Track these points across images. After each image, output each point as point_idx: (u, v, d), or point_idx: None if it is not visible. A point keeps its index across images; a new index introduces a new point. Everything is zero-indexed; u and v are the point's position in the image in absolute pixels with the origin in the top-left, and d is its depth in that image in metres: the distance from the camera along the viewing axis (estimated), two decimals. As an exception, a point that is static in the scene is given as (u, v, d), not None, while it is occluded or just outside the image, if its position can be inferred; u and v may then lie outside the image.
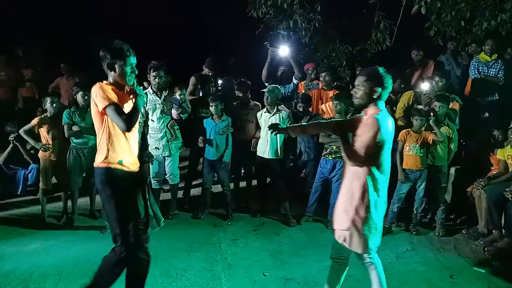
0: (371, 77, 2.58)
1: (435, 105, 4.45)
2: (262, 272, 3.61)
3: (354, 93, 2.66)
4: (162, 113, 4.61)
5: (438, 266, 3.83)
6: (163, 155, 4.70)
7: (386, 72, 2.60)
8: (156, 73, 4.53)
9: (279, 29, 6.38)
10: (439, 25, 5.59)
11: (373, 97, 2.58)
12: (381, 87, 2.57)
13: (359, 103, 2.65)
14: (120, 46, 2.62)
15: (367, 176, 2.57)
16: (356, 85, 2.65)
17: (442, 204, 4.58)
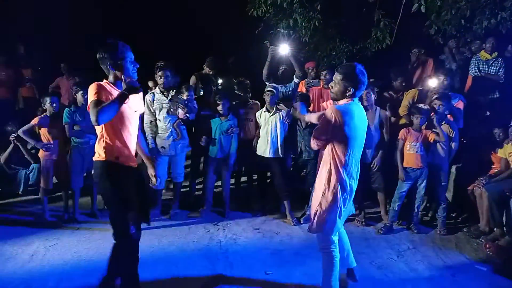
0: (347, 77, 2.78)
1: (435, 104, 4.45)
2: (263, 270, 3.61)
3: (331, 87, 2.89)
4: (168, 112, 4.62)
5: (439, 264, 3.84)
6: (169, 154, 4.70)
7: (362, 72, 2.79)
8: (162, 73, 4.57)
9: (279, 28, 6.38)
10: (439, 23, 5.60)
11: (346, 94, 2.81)
12: (355, 87, 2.78)
13: (334, 98, 2.92)
14: (117, 44, 2.66)
15: (332, 160, 2.80)
16: (333, 79, 2.87)
17: (443, 203, 4.57)
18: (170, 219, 4.78)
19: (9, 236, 4.15)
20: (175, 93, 4.68)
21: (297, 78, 5.44)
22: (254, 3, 6.27)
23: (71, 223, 4.57)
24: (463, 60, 6.32)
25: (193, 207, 5.11)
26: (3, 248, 3.88)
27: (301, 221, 4.74)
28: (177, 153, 4.74)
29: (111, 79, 2.72)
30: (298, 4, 6.14)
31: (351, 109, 2.77)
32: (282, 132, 4.75)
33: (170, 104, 4.63)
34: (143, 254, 3.82)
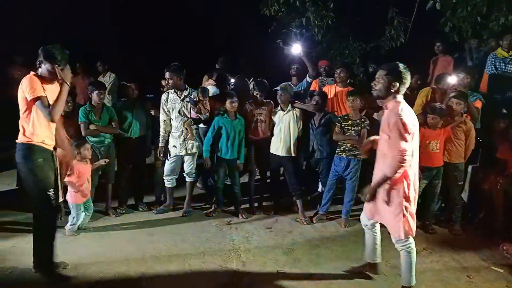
0: (391, 72, 2.87)
1: (452, 102, 4.38)
2: (276, 269, 3.61)
3: (374, 85, 2.95)
4: (180, 112, 4.66)
5: (454, 265, 3.78)
6: (180, 153, 4.74)
7: (406, 69, 2.87)
8: (169, 74, 4.61)
9: (292, 27, 6.37)
10: (455, 20, 5.52)
11: (391, 90, 2.87)
12: (399, 82, 2.86)
13: (378, 95, 2.97)
14: (52, 51, 3.13)
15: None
16: (376, 77, 2.95)
17: (458, 203, 4.51)
18: (184, 216, 4.81)
19: (26, 233, 4.22)
20: (188, 92, 4.71)
21: (310, 78, 5.42)
22: (267, 2, 6.28)
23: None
24: (479, 59, 6.23)
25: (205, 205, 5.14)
26: (20, 245, 3.95)
27: (314, 221, 4.72)
28: (188, 153, 4.76)
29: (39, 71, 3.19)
30: (311, 2, 6.12)
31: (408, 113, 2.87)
32: (295, 131, 4.74)
33: (182, 104, 4.67)
34: (157, 250, 3.90)
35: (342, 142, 4.57)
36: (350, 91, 4.71)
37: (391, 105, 2.91)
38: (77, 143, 4.25)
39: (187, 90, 4.72)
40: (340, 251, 4.01)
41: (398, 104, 2.87)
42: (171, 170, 4.83)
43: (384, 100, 2.97)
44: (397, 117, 2.79)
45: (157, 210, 4.91)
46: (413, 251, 3.09)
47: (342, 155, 4.56)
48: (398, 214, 2.96)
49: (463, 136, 4.43)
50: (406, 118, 2.81)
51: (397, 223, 2.98)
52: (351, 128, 4.55)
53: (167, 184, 4.91)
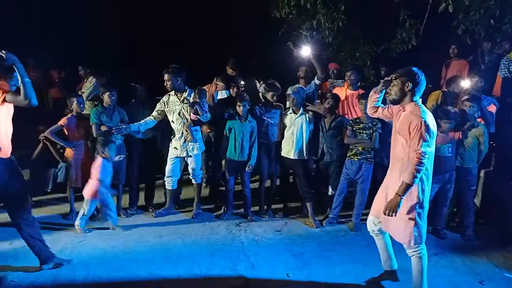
0: (403, 73, 2.87)
1: (465, 105, 4.33)
2: (285, 272, 3.60)
3: (389, 90, 2.93)
4: (179, 113, 4.68)
5: (466, 271, 3.73)
6: (181, 155, 4.76)
7: (419, 70, 2.86)
8: (167, 76, 4.63)
9: (302, 29, 6.36)
10: (467, 23, 5.46)
11: (405, 91, 2.86)
12: (413, 82, 2.84)
13: (393, 99, 2.93)
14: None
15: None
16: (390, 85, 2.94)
17: (471, 208, 4.45)
18: (193, 218, 4.83)
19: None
20: (187, 94, 4.71)
21: (318, 80, 5.40)
22: (277, 5, 6.27)
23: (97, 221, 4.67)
24: (492, 62, 6.14)
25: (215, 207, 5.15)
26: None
27: (324, 224, 4.70)
28: (189, 155, 4.76)
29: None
30: (321, 5, 6.11)
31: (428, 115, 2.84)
32: (307, 134, 4.72)
33: (181, 105, 4.68)
34: (167, 251, 3.92)
35: (353, 146, 4.55)
36: (361, 94, 4.68)
37: (409, 108, 2.87)
38: (103, 142, 4.33)
39: (186, 91, 4.73)
40: (350, 255, 3.98)
41: (418, 106, 2.84)
42: (171, 170, 4.85)
43: (400, 104, 2.94)
44: (420, 120, 2.75)
45: (156, 213, 4.91)
46: (424, 256, 3.05)
47: (354, 159, 4.53)
48: (409, 221, 2.90)
49: (476, 140, 4.38)
50: (429, 121, 2.78)
51: (407, 229, 2.92)
52: (362, 131, 4.52)
53: (167, 185, 4.93)
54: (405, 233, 2.94)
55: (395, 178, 2.96)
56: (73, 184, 4.71)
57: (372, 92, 3.24)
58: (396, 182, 2.90)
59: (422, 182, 2.87)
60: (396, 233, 3.02)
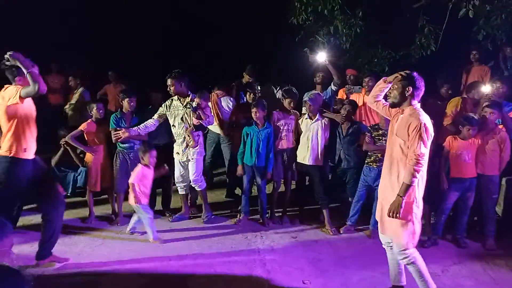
0: (404, 78, 2.95)
1: (486, 111, 4.25)
2: (301, 279, 3.58)
3: (389, 93, 3.03)
4: (182, 118, 4.72)
5: (487, 281, 3.63)
6: (182, 160, 4.80)
7: (419, 76, 2.95)
8: (170, 81, 4.69)
9: (319, 35, 6.36)
10: (488, 29, 5.37)
11: (405, 95, 2.93)
12: (413, 87, 2.91)
13: (393, 102, 3.01)
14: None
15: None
16: (390, 88, 3.05)
17: (492, 216, 4.34)
18: (204, 223, 4.85)
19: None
20: (190, 100, 4.74)
21: (335, 86, 5.37)
22: (295, 11, 6.29)
23: (115, 225, 4.74)
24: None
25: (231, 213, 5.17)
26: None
27: (341, 231, 4.65)
28: (190, 159, 4.77)
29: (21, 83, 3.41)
30: (339, 11, 6.10)
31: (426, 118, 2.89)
32: (323, 140, 4.70)
33: (184, 110, 4.71)
34: (183, 257, 3.95)
35: (372, 152, 4.51)
36: None
37: (408, 111, 2.94)
38: (143, 149, 4.42)
39: (189, 96, 4.77)
40: (367, 263, 3.93)
41: (416, 109, 2.92)
42: (180, 176, 4.88)
43: (399, 107, 3.01)
44: (419, 122, 2.82)
45: (172, 218, 4.94)
46: (417, 259, 3.01)
47: (373, 165, 4.48)
48: (407, 222, 2.91)
49: (497, 148, 4.28)
50: (428, 123, 2.85)
51: (404, 230, 2.92)
52: (382, 138, 4.48)
53: (180, 191, 4.96)
54: (402, 234, 2.93)
55: (393, 180, 2.96)
56: (92, 188, 4.81)
57: (382, 80, 3.25)
58: (395, 184, 2.93)
59: (418, 182, 2.89)
60: (396, 236, 3.00)
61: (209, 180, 5.74)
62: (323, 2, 6.05)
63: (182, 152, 4.78)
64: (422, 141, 2.80)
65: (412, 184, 2.82)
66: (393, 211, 2.86)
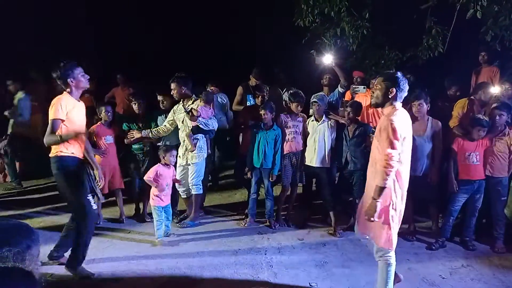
0: (388, 78, 2.90)
1: (495, 113, 4.22)
2: (308, 282, 3.57)
3: (372, 93, 3.00)
4: (183, 122, 4.75)
5: (496, 284, 3.60)
6: (182, 164, 4.81)
7: (403, 76, 2.92)
8: (174, 85, 4.74)
9: (326, 37, 6.35)
10: (497, 29, 5.32)
11: (388, 96, 2.88)
12: (397, 88, 2.86)
13: (375, 102, 2.97)
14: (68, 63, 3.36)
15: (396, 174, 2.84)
16: (374, 85, 3.00)
17: (501, 219, 4.30)
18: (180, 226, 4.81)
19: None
20: (192, 102, 4.77)
21: (342, 88, 5.36)
22: (301, 13, 6.29)
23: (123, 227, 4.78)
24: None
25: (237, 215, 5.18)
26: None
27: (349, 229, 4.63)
28: (189, 163, 4.76)
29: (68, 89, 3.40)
30: (345, 13, 6.08)
31: (402, 117, 2.85)
32: (330, 142, 4.70)
33: (184, 114, 4.73)
34: (190, 259, 3.97)
35: None
36: None
37: (387, 111, 2.91)
38: (165, 148, 4.50)
39: (192, 99, 4.79)
40: (374, 265, 3.87)
41: (394, 110, 2.87)
42: (182, 179, 4.87)
43: (381, 107, 2.96)
44: (388, 121, 2.78)
45: (177, 219, 4.94)
46: (391, 265, 2.99)
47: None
48: (384, 223, 2.88)
49: (506, 149, 4.25)
50: (397, 123, 2.77)
51: (381, 231, 2.91)
52: None
53: (182, 195, 4.97)
54: (382, 236, 2.92)
55: (373, 182, 2.90)
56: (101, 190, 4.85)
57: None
58: (372, 187, 2.90)
59: (394, 184, 2.84)
60: (376, 237, 2.98)
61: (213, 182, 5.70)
62: (330, 4, 6.03)
63: (182, 155, 4.79)
64: (390, 142, 2.74)
65: (384, 186, 2.77)
66: (369, 214, 2.84)
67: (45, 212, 5.27)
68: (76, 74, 3.38)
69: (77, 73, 3.39)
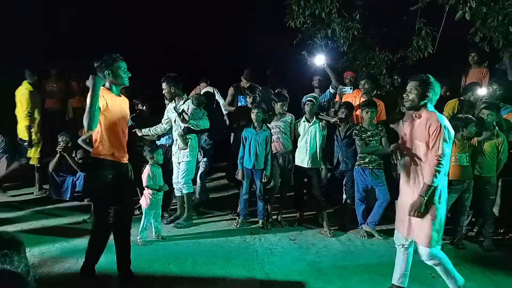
0: (423, 83, 2.97)
1: (483, 113, 4.28)
2: (300, 282, 3.58)
3: (406, 96, 3.02)
4: (175, 121, 4.81)
5: (485, 283, 3.64)
6: (176, 162, 4.87)
7: (436, 80, 2.95)
8: (165, 85, 4.79)
9: (317, 38, 6.38)
10: (485, 31, 5.38)
11: (423, 100, 2.96)
12: (432, 92, 2.96)
13: (411, 105, 3.02)
14: (110, 56, 3.17)
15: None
16: (408, 88, 3.03)
17: (490, 217, 4.36)
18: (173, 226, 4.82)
19: (57, 240, 4.36)
20: (183, 102, 4.82)
21: (333, 89, 5.39)
22: (292, 14, 6.32)
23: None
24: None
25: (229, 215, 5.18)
26: (50, 251, 4.09)
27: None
28: (179, 162, 4.82)
29: (107, 84, 3.20)
30: (336, 14, 6.12)
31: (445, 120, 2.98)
32: (321, 142, 4.72)
33: (176, 113, 4.79)
34: (181, 259, 3.95)
35: (365, 154, 4.53)
36: (363, 103, 4.72)
37: (425, 115, 2.98)
38: (150, 148, 4.46)
39: (183, 99, 4.83)
40: (366, 264, 3.94)
41: (434, 113, 2.96)
42: (176, 177, 4.90)
43: (416, 111, 3.03)
44: (439, 123, 2.87)
45: (167, 220, 4.94)
46: (443, 259, 3.07)
47: (368, 167, 4.51)
48: (428, 222, 2.96)
49: (495, 149, 4.30)
50: (448, 124, 2.93)
51: (427, 230, 2.96)
52: (372, 138, 4.52)
53: (176, 193, 4.99)
54: (426, 234, 2.98)
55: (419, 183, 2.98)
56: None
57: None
58: (418, 186, 2.97)
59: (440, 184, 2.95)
60: (419, 237, 3.04)
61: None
62: (321, 5, 6.07)
63: (175, 153, 4.86)
64: (443, 142, 2.84)
65: (433, 185, 2.86)
66: (414, 210, 2.92)
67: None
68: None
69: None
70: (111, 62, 3.17)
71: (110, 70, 3.18)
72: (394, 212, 4.67)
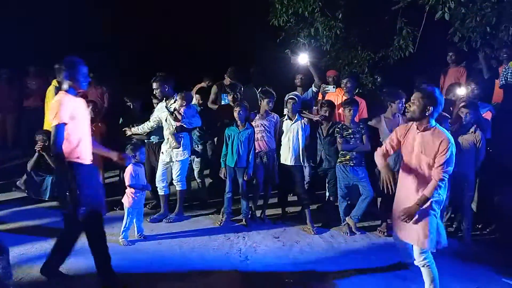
0: (428, 96, 2.98)
1: (462, 112, 4.37)
2: (284, 280, 3.60)
3: (409, 106, 3.05)
4: (166, 120, 4.80)
5: (463, 277, 3.74)
6: (166, 160, 4.86)
7: (441, 94, 3.01)
8: (156, 84, 4.78)
9: (300, 37, 6.41)
10: (464, 31, 5.50)
11: (425, 114, 2.99)
12: (434, 106, 2.98)
13: (411, 116, 3.06)
14: (72, 60, 3.20)
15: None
16: (412, 99, 3.05)
17: (468, 213, 4.46)
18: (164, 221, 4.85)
19: (36, 240, 4.27)
20: (174, 101, 4.80)
21: (316, 87, 5.43)
22: (276, 13, 6.33)
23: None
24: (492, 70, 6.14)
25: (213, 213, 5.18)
26: (30, 251, 4.01)
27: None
28: (173, 161, 4.83)
29: (66, 87, 3.19)
30: (319, 13, 6.17)
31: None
32: (304, 140, 4.75)
33: (167, 112, 4.78)
34: (165, 259, 3.93)
35: (346, 152, 4.58)
36: (344, 101, 4.77)
37: (431, 130, 3.03)
38: (133, 146, 4.41)
39: (173, 98, 4.82)
40: (349, 261, 3.98)
41: (440, 129, 3.02)
42: (161, 176, 4.90)
43: (417, 122, 3.08)
44: (450, 143, 2.94)
45: (151, 219, 4.90)
46: (432, 264, 3.16)
47: (350, 164, 4.56)
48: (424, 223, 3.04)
49: (473, 146, 4.40)
50: (452, 141, 2.98)
51: (422, 231, 3.04)
52: (353, 136, 4.58)
53: (159, 192, 4.95)
54: (419, 234, 3.06)
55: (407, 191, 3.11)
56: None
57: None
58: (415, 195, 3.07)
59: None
60: (410, 236, 3.14)
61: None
62: (304, 4, 6.11)
63: (166, 152, 4.83)
64: (450, 159, 2.94)
65: (431, 197, 2.98)
66: (407, 216, 3.00)
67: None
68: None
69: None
70: (72, 66, 3.20)
71: (71, 73, 3.21)
72: (378, 209, 4.80)
